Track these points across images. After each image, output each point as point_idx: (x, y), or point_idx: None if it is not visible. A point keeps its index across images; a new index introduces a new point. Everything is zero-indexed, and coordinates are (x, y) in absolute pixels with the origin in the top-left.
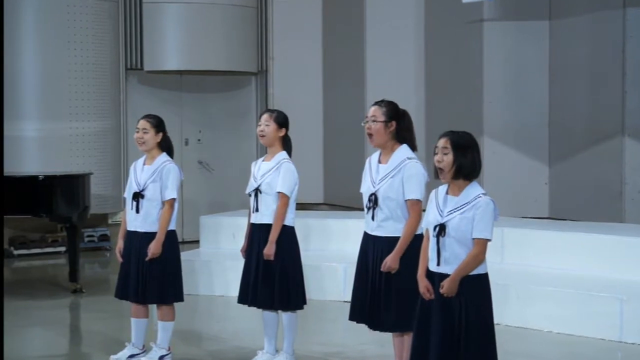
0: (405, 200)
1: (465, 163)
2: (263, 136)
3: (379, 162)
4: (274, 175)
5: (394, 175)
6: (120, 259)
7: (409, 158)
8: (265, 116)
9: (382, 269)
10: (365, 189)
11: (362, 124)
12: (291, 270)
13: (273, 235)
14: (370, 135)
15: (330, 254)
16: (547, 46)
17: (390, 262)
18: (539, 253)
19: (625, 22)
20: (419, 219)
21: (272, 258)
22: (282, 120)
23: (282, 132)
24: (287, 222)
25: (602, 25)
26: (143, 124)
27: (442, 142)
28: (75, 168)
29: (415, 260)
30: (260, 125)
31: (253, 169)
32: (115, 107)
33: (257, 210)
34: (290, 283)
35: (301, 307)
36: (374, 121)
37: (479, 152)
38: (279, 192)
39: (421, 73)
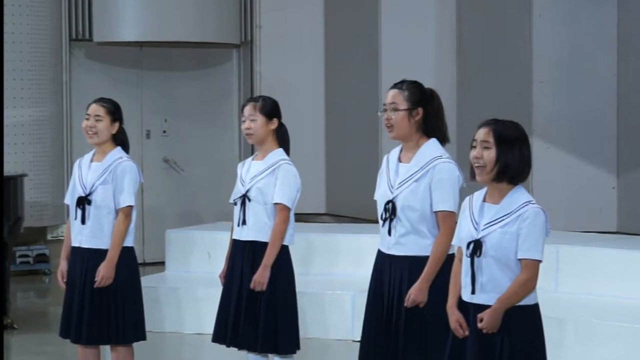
0: (435, 212)
1: (512, 161)
2: (250, 134)
3: (400, 160)
4: (267, 179)
5: (418, 178)
6: (62, 286)
7: (439, 156)
8: (248, 108)
9: (406, 304)
10: (381, 196)
11: (379, 114)
12: (282, 301)
13: (268, 259)
14: (389, 127)
15: (336, 279)
16: (615, 11)
17: (416, 294)
18: (605, 278)
19: None
20: (452, 235)
21: (264, 287)
22: (270, 110)
23: (274, 125)
24: (284, 241)
25: None
26: (95, 109)
27: (482, 134)
28: (4, 168)
29: (446, 286)
30: (244, 121)
31: (240, 171)
32: (56, 89)
33: (243, 223)
34: (281, 318)
35: (293, 352)
36: (394, 109)
37: (529, 147)
38: (277, 204)
39: (451, 46)
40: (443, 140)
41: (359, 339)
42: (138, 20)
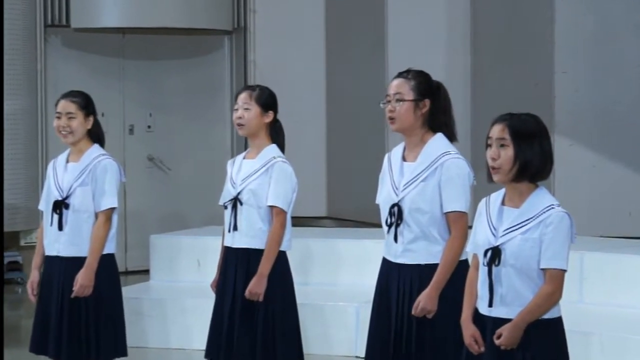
0: (445, 213)
1: (532, 158)
2: (242, 125)
3: (404, 159)
4: (261, 180)
5: (426, 177)
6: (32, 297)
7: (446, 152)
8: (243, 96)
9: (413, 312)
10: (384, 199)
11: (381, 105)
12: (280, 312)
13: (264, 267)
14: (392, 119)
15: (338, 289)
16: None
17: (425, 302)
18: (634, 288)
19: None
20: (464, 238)
21: (260, 298)
22: (267, 101)
23: (269, 118)
24: (280, 246)
25: None
26: (66, 106)
27: (497, 131)
28: None
29: (459, 296)
30: (237, 110)
31: (230, 171)
32: (30, 80)
33: (235, 228)
34: (279, 331)
35: None
36: (399, 100)
37: (550, 141)
38: (272, 206)
39: (466, 31)
40: (450, 138)
41: (363, 354)
42: (120, 5)
